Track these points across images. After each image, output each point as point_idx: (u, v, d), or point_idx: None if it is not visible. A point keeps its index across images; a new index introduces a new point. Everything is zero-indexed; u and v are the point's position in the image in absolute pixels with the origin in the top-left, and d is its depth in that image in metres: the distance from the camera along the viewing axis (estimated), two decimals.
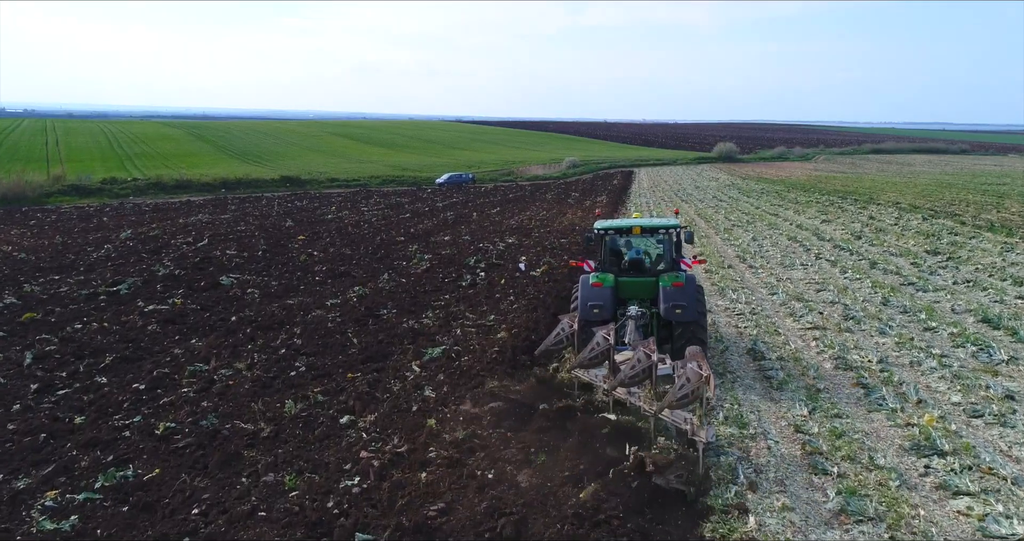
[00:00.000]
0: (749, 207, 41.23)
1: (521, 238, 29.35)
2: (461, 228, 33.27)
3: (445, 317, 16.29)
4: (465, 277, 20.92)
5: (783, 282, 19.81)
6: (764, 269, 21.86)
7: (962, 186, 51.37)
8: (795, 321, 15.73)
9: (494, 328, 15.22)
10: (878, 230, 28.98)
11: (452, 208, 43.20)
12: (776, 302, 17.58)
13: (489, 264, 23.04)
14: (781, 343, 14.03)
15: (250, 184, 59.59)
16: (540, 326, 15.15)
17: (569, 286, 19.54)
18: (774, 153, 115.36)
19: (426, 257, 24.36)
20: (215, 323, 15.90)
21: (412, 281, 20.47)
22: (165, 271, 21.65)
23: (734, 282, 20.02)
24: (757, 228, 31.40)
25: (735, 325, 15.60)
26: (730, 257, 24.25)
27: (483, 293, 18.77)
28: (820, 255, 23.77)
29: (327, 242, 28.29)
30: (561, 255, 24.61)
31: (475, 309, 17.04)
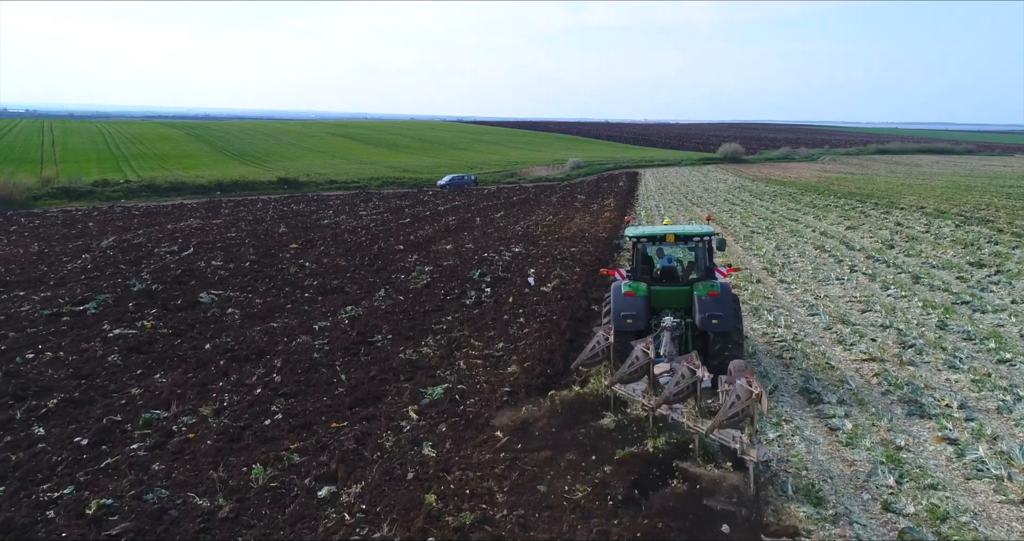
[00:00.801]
0: (765, 211, 39.17)
1: (528, 247, 27.31)
2: (464, 235, 31.23)
3: (447, 345, 14.27)
4: (469, 294, 18.88)
5: (822, 300, 17.77)
6: (797, 284, 19.81)
7: (982, 189, 49.33)
8: (846, 350, 13.71)
9: (503, 360, 13.20)
10: (910, 238, 26.90)
11: (454, 212, 41.17)
12: (819, 325, 15.54)
13: (495, 278, 21.01)
14: (837, 380, 11.99)
15: (246, 186, 57.59)
16: (556, 356, 13.18)
17: (585, 304, 17.60)
18: (779, 153, 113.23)
19: (426, 269, 22.33)
20: (186, 352, 13.87)
21: (411, 299, 18.44)
22: (141, 286, 19.62)
23: (767, 300, 17.98)
24: (779, 235, 29.34)
25: (779, 355, 13.56)
26: (756, 269, 22.20)
27: (489, 314, 16.73)
28: (855, 267, 21.71)
29: (320, 251, 26.25)
30: (572, 267, 22.58)
31: (481, 334, 15.00)
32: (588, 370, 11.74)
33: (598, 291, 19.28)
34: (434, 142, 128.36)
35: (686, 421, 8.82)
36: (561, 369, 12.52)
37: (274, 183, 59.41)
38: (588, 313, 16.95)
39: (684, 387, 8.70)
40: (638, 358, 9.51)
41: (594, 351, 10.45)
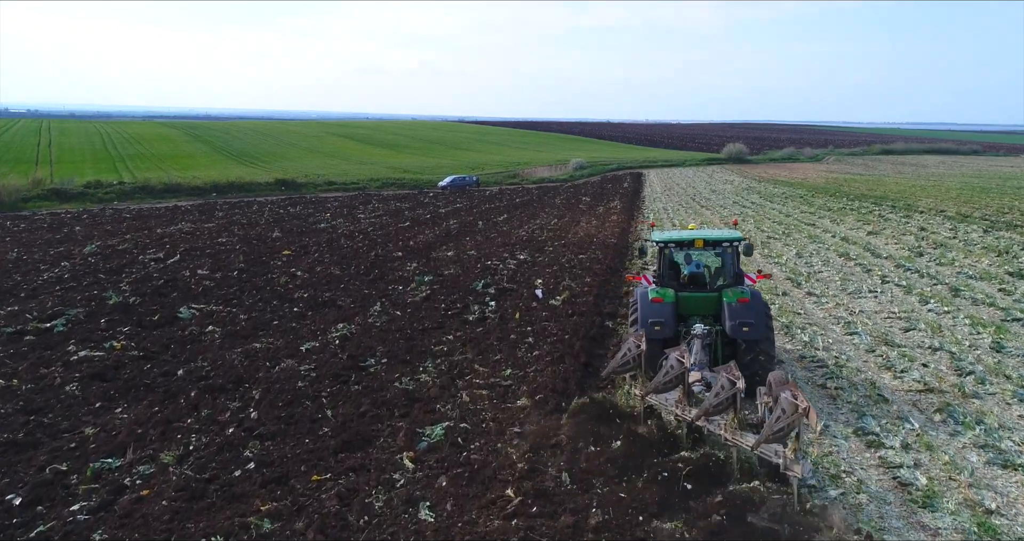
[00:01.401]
0: (778, 215, 37.56)
1: (534, 253, 25.71)
2: (466, 240, 29.63)
3: (448, 371, 12.68)
4: (472, 308, 17.30)
5: (858, 317, 16.17)
6: (827, 297, 18.23)
7: (998, 191, 47.72)
8: (897, 378, 12.12)
9: (512, 390, 11.62)
10: (939, 245, 25.30)
11: (455, 215, 39.57)
12: (860, 347, 13.94)
13: (500, 290, 19.41)
14: (895, 417, 10.41)
15: (243, 187, 55.95)
16: (570, 385, 11.59)
17: (599, 320, 16.03)
18: (784, 154, 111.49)
19: (426, 279, 20.73)
20: (155, 380, 12.28)
21: (408, 314, 16.85)
22: (117, 299, 18.03)
23: (797, 316, 16.40)
24: (798, 241, 27.73)
25: (821, 383, 11.97)
26: (779, 279, 20.60)
27: (495, 332, 15.14)
28: (886, 278, 20.11)
29: (314, 259, 24.65)
30: (582, 277, 20.99)
31: (486, 357, 13.41)
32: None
33: (612, 304, 17.74)
34: (435, 142, 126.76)
35: (724, 434, 8.36)
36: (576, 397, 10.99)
37: (271, 184, 57.80)
38: (603, 331, 15.39)
39: (724, 399, 8.22)
40: (673, 367, 9.11)
41: (625, 358, 9.92)
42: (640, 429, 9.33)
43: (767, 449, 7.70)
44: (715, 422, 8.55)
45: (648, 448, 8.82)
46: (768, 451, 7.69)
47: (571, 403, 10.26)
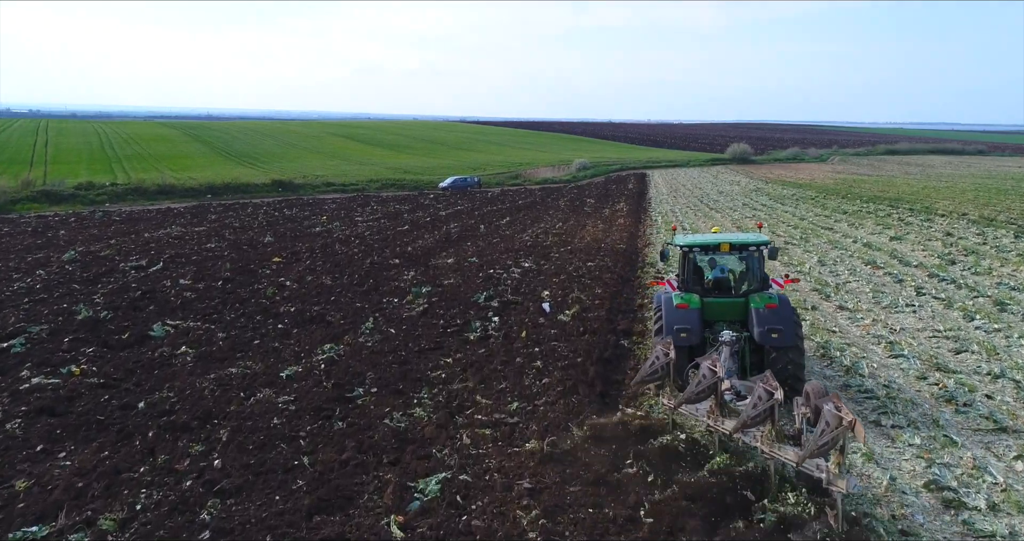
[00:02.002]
0: (791, 218, 35.92)
1: (539, 260, 24.11)
2: (467, 245, 28.02)
3: (446, 403, 11.10)
4: (474, 325, 15.69)
5: (900, 336, 14.56)
6: (861, 311, 16.62)
7: (1015, 192, 46.05)
8: (960, 413, 10.53)
9: (518, 429, 10.02)
10: (970, 252, 23.65)
11: (456, 218, 37.96)
12: (910, 373, 12.34)
13: (503, 303, 17.82)
14: (971, 468, 8.78)
15: (239, 189, 54.31)
16: (585, 420, 9.99)
17: (613, 339, 14.44)
18: (788, 154, 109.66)
19: (424, 291, 19.13)
20: (111, 415, 10.70)
21: (404, 331, 15.26)
22: (87, 314, 16.45)
23: (831, 334, 14.79)
24: (818, 247, 26.10)
25: (876, 420, 10.37)
26: (805, 290, 19.00)
27: (499, 355, 13.54)
28: (922, 289, 18.48)
29: (306, 266, 23.06)
30: (592, 287, 19.39)
31: (489, 386, 11.81)
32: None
33: (626, 320, 16.16)
34: (436, 142, 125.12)
35: (762, 446, 7.95)
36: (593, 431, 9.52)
37: (268, 185, 56.17)
38: (618, 352, 13.79)
39: (763, 410, 7.85)
40: (705, 377, 8.79)
41: (654, 367, 9.66)
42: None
43: (808, 462, 7.34)
44: (751, 434, 8.15)
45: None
46: (809, 465, 7.34)
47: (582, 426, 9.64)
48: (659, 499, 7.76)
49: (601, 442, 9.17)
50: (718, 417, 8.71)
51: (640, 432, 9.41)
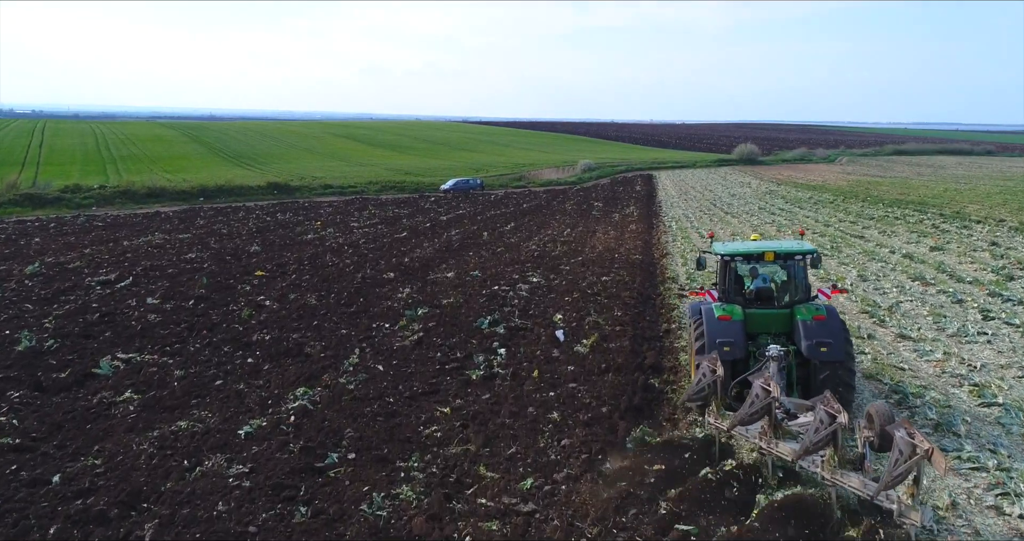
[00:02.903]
0: (815, 223, 33.46)
1: (548, 274, 21.70)
2: (469, 255, 25.62)
3: (441, 477, 8.68)
4: (476, 359, 13.31)
5: (983, 376, 12.11)
6: (926, 341, 14.18)
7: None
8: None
9: (535, 522, 7.58)
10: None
11: (458, 223, 35.55)
12: (1012, 430, 9.89)
13: (510, 329, 15.42)
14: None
15: (233, 191, 51.93)
16: (626, 513, 7.61)
17: (642, 378, 12.02)
18: (795, 154, 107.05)
19: (420, 313, 16.75)
20: (12, 496, 8.28)
21: (394, 368, 12.87)
22: (29, 344, 14.11)
23: (900, 371, 12.36)
24: (854, 258, 23.66)
25: (994, 505, 7.91)
26: (853, 313, 16.58)
27: (507, 401, 11.15)
28: (988, 313, 16.05)
29: (290, 282, 20.68)
30: (610, 309, 17.01)
31: (495, 450, 9.41)
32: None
33: (653, 352, 13.76)
34: (438, 143, 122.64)
35: (823, 472, 7.43)
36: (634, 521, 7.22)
37: (264, 188, 53.79)
38: (649, 395, 11.39)
39: (826, 435, 7.26)
40: (759, 396, 8.22)
41: (701, 385, 9.09)
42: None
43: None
44: (812, 459, 7.59)
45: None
46: (881, 496, 6.73)
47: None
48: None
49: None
50: (772, 439, 8.14)
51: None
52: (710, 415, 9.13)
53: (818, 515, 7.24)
